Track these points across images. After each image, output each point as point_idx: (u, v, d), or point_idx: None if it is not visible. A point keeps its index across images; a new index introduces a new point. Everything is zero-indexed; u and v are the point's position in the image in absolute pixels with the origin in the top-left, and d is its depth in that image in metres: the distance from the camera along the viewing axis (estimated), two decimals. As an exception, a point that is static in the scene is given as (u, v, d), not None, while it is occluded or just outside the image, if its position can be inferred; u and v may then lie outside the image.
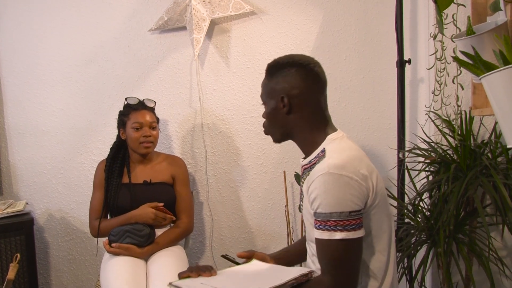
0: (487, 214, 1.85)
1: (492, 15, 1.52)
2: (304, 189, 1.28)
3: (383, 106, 2.40)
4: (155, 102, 2.18)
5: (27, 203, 2.33)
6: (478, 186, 1.65)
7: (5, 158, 2.42)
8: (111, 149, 2.14)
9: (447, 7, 1.46)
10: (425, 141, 1.94)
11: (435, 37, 1.72)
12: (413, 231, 1.84)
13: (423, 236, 1.86)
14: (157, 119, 2.15)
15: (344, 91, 2.39)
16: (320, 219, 1.17)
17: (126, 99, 2.13)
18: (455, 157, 1.80)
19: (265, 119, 1.37)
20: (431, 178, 1.91)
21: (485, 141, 1.85)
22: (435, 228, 1.76)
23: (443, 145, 1.88)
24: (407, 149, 2.03)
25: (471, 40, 1.30)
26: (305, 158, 1.34)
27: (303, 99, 1.29)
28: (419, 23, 2.26)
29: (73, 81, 2.43)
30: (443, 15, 1.49)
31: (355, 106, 2.41)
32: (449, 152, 1.85)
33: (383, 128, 2.41)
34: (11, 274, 1.45)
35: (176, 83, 2.44)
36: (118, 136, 2.14)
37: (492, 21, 1.43)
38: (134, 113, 2.07)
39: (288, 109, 1.29)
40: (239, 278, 1.28)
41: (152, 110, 2.14)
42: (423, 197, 1.89)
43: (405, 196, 2.04)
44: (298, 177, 2.29)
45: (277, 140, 1.39)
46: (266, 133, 1.40)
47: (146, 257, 1.98)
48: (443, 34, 1.51)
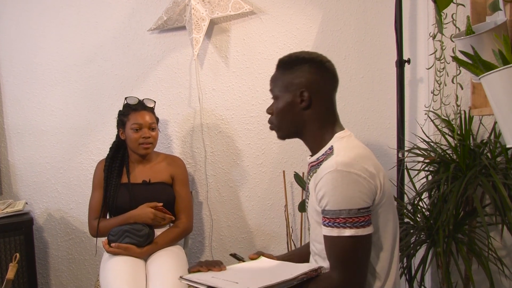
0: (486, 214, 1.85)
1: (491, 15, 1.52)
2: (311, 186, 1.27)
3: (383, 105, 2.40)
4: (155, 102, 2.18)
5: (27, 203, 2.33)
6: (477, 186, 1.65)
7: (4, 157, 2.42)
8: (110, 149, 2.14)
9: (447, 7, 1.46)
10: (425, 141, 1.94)
11: (434, 37, 1.72)
12: (412, 231, 1.84)
13: (422, 235, 1.86)
14: (157, 119, 2.15)
15: (343, 91, 2.39)
16: (329, 216, 1.17)
17: (125, 99, 2.13)
18: (455, 157, 1.80)
19: (275, 113, 1.34)
20: (430, 178, 1.92)
21: (484, 141, 1.85)
22: (434, 227, 1.76)
23: (442, 145, 1.88)
24: (406, 148, 2.03)
25: (470, 39, 1.30)
26: (312, 155, 1.33)
27: (320, 95, 1.29)
28: (418, 22, 2.26)
29: (73, 81, 2.43)
30: (443, 14, 1.50)
31: (355, 105, 2.41)
32: (449, 151, 1.85)
33: (383, 127, 2.41)
34: (11, 274, 1.45)
35: (175, 83, 2.44)
36: (117, 136, 2.14)
37: (491, 21, 1.44)
38: (133, 113, 2.06)
39: (306, 104, 1.28)
40: (250, 272, 1.29)
41: (151, 110, 2.13)
42: (423, 197, 1.90)
43: (405, 195, 2.04)
44: (297, 177, 2.29)
45: (283, 136, 1.36)
46: (272, 129, 1.37)
47: (145, 257, 1.98)
48: (442, 33, 1.51)
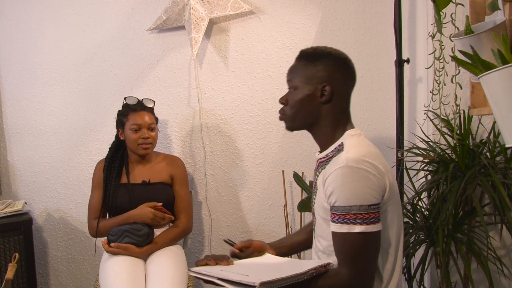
0: (485, 213, 1.85)
1: (490, 14, 1.52)
2: (319, 182, 1.27)
3: (382, 105, 2.40)
4: (154, 101, 2.17)
5: (26, 203, 2.33)
6: (476, 185, 1.65)
7: (4, 157, 2.42)
8: (109, 149, 2.14)
9: (446, 7, 1.46)
10: (424, 140, 1.94)
11: (433, 37, 1.72)
12: (411, 231, 1.84)
13: (421, 235, 1.86)
14: (156, 119, 2.15)
15: (342, 91, 2.38)
16: (338, 212, 1.17)
17: (124, 98, 2.13)
18: (454, 157, 1.80)
19: (290, 104, 1.32)
20: (429, 177, 1.91)
21: (483, 141, 1.85)
22: (433, 227, 1.76)
23: (441, 145, 1.88)
24: (405, 148, 2.03)
25: (469, 39, 1.31)
26: (320, 151, 1.33)
27: (340, 92, 1.29)
28: (417, 22, 2.25)
29: (72, 81, 2.43)
30: (442, 14, 1.50)
31: (354, 105, 2.36)
32: (448, 151, 1.85)
33: (382, 127, 2.41)
34: (10, 274, 1.45)
35: (174, 83, 2.44)
36: (116, 136, 2.14)
37: (490, 21, 1.44)
38: (132, 114, 2.06)
39: (326, 99, 1.27)
40: (258, 267, 1.30)
41: (151, 110, 2.13)
42: (422, 197, 1.90)
43: (404, 195, 2.04)
44: (296, 177, 2.29)
45: (293, 127, 1.35)
46: (282, 119, 1.36)
47: (145, 257, 1.98)
48: (441, 33, 1.52)
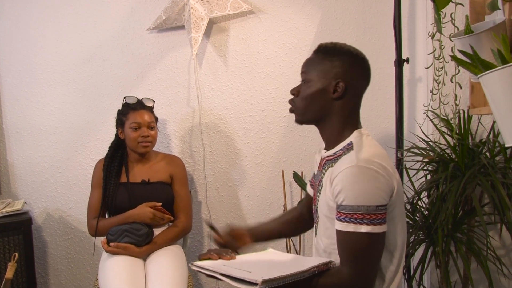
0: (485, 213, 1.85)
1: (490, 14, 1.52)
2: (325, 180, 1.27)
3: (381, 105, 2.40)
4: (154, 101, 2.18)
5: (25, 203, 2.33)
6: (476, 185, 1.65)
7: (3, 157, 2.42)
8: (109, 148, 2.14)
9: (445, 6, 1.46)
10: (423, 140, 1.94)
11: (433, 36, 1.72)
12: (411, 230, 1.84)
13: (421, 235, 1.86)
14: (156, 119, 2.15)
15: (342, 90, 2.39)
16: (345, 211, 1.16)
17: (124, 98, 2.13)
18: (453, 156, 1.80)
19: (302, 97, 1.30)
20: (429, 177, 1.92)
21: (483, 140, 1.85)
22: (433, 227, 1.76)
23: (441, 144, 1.88)
24: (405, 148, 2.03)
25: (469, 39, 1.30)
26: (327, 149, 1.33)
27: (354, 90, 1.28)
28: (417, 22, 2.25)
29: (71, 80, 2.43)
30: (441, 14, 1.50)
31: (354, 105, 2.40)
32: (447, 151, 1.85)
33: (381, 127, 2.41)
34: (9, 273, 1.45)
35: (174, 82, 2.44)
36: (116, 135, 2.14)
37: (490, 20, 1.44)
38: (132, 113, 2.06)
39: (338, 95, 1.26)
40: (261, 263, 1.30)
41: (150, 109, 2.13)
42: (421, 196, 1.90)
43: (404, 195, 2.04)
44: (296, 177, 2.29)
45: (303, 120, 1.34)
46: (292, 111, 1.35)
47: (144, 257, 1.98)
48: (441, 33, 1.51)
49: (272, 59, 2.42)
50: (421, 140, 1.96)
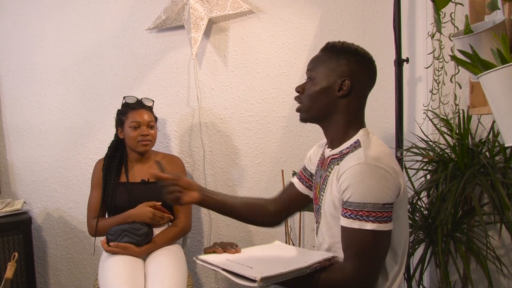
0: (484, 213, 1.85)
1: (490, 14, 1.52)
2: (331, 178, 1.26)
3: (381, 105, 2.40)
4: (153, 101, 2.18)
5: (25, 202, 2.33)
6: (475, 185, 1.65)
7: (3, 157, 2.42)
8: (109, 148, 2.14)
9: (445, 6, 1.46)
10: (423, 140, 1.95)
11: (433, 36, 1.72)
12: (411, 230, 1.85)
13: (421, 235, 1.86)
14: (155, 118, 2.15)
15: (342, 90, 2.39)
16: (351, 208, 1.16)
17: (124, 98, 2.13)
18: (453, 156, 1.80)
19: (308, 94, 1.30)
20: (429, 177, 1.92)
21: (483, 140, 1.85)
22: (433, 227, 1.76)
23: (441, 144, 1.88)
24: (405, 148, 2.03)
25: (469, 39, 1.30)
26: (331, 148, 1.32)
27: (359, 89, 1.28)
28: (417, 22, 2.25)
29: (71, 80, 2.43)
30: (441, 14, 1.49)
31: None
32: (447, 151, 1.85)
33: (381, 127, 2.41)
34: (9, 273, 1.45)
35: (174, 82, 2.44)
36: (116, 135, 2.14)
37: (490, 20, 1.43)
38: (132, 112, 2.06)
39: (344, 93, 1.26)
40: (264, 257, 1.30)
41: (150, 109, 2.14)
42: (421, 196, 1.90)
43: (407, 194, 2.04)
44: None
45: (308, 118, 1.33)
46: (299, 109, 1.34)
47: (144, 256, 1.98)
48: (441, 33, 1.52)
49: (271, 59, 2.42)
50: (421, 140, 1.96)
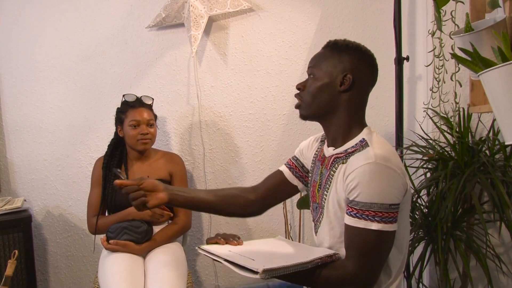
0: (484, 211, 1.85)
1: (490, 12, 1.52)
2: (336, 178, 1.25)
3: (381, 103, 2.40)
4: (153, 99, 2.17)
5: (25, 200, 2.32)
6: (475, 183, 1.65)
7: (3, 155, 2.42)
8: (108, 146, 2.14)
9: (446, 4, 1.46)
10: (423, 138, 1.95)
11: (433, 34, 1.72)
12: (411, 228, 1.85)
13: (420, 233, 1.87)
14: (155, 116, 2.15)
15: (342, 88, 2.39)
16: (358, 207, 1.15)
17: (123, 96, 2.13)
18: (453, 154, 1.80)
19: (309, 90, 1.29)
20: (429, 175, 1.92)
21: (483, 138, 1.85)
22: (432, 225, 1.76)
23: (441, 142, 1.88)
24: (405, 146, 2.03)
25: (469, 37, 1.30)
26: (334, 146, 1.31)
27: (361, 85, 1.28)
28: (417, 20, 2.25)
29: (71, 78, 2.42)
30: (442, 12, 1.50)
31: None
32: (447, 149, 1.86)
33: (381, 125, 2.41)
34: (9, 270, 1.45)
35: (174, 80, 2.44)
36: (115, 133, 2.13)
37: (490, 18, 1.43)
38: (131, 110, 2.06)
39: (345, 88, 1.26)
40: (266, 250, 1.30)
41: (149, 107, 2.13)
42: (421, 194, 1.90)
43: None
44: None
45: (309, 115, 1.32)
46: (298, 106, 1.32)
47: (143, 254, 1.98)
48: (441, 31, 1.51)
49: (271, 57, 2.42)
50: (421, 138, 1.96)
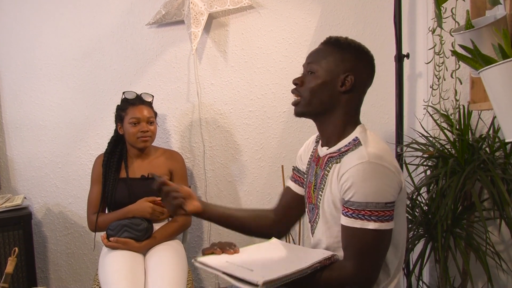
0: (484, 208, 1.85)
1: (491, 9, 1.52)
2: (330, 178, 1.24)
3: (381, 100, 2.40)
4: (153, 96, 2.17)
5: (25, 198, 2.33)
6: (475, 180, 1.66)
7: (3, 152, 2.42)
8: (108, 143, 2.14)
9: (446, 1, 1.45)
10: (423, 135, 1.94)
11: (433, 31, 1.72)
12: (410, 226, 1.85)
13: (420, 230, 1.87)
14: (155, 114, 2.14)
15: (342, 86, 2.38)
16: (353, 207, 1.15)
17: (123, 93, 2.12)
18: (453, 152, 1.80)
19: (308, 87, 1.27)
20: (429, 172, 1.92)
21: (483, 136, 1.85)
22: (432, 222, 1.76)
23: (441, 140, 1.88)
24: (405, 143, 2.03)
25: (470, 34, 1.30)
26: (328, 146, 1.30)
27: (360, 86, 1.28)
28: (417, 17, 2.25)
29: (71, 76, 2.42)
30: (442, 9, 1.49)
31: (354, 100, 2.40)
32: (447, 146, 1.85)
33: (381, 122, 2.41)
34: (9, 268, 1.45)
35: (174, 78, 2.44)
36: (115, 130, 2.13)
37: (491, 15, 1.43)
38: (131, 108, 2.06)
39: (346, 89, 1.25)
40: (264, 258, 1.29)
41: (149, 104, 2.13)
42: (421, 192, 1.90)
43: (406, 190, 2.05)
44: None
45: (305, 113, 1.30)
46: (296, 103, 1.30)
47: (144, 251, 1.98)
48: (441, 28, 1.51)
49: (272, 54, 2.42)
50: (421, 135, 1.96)
